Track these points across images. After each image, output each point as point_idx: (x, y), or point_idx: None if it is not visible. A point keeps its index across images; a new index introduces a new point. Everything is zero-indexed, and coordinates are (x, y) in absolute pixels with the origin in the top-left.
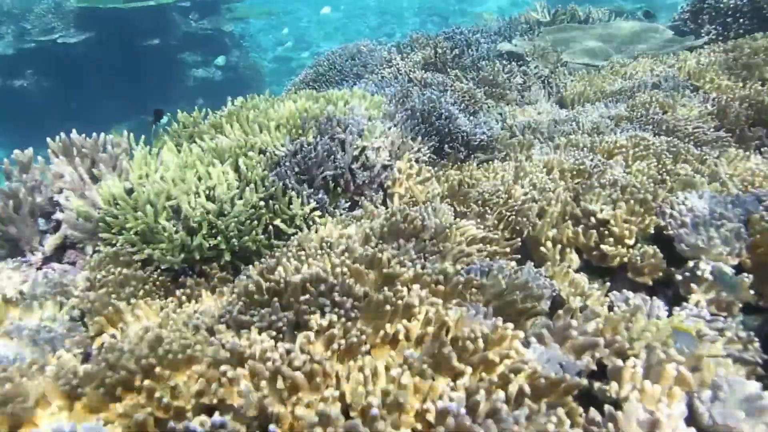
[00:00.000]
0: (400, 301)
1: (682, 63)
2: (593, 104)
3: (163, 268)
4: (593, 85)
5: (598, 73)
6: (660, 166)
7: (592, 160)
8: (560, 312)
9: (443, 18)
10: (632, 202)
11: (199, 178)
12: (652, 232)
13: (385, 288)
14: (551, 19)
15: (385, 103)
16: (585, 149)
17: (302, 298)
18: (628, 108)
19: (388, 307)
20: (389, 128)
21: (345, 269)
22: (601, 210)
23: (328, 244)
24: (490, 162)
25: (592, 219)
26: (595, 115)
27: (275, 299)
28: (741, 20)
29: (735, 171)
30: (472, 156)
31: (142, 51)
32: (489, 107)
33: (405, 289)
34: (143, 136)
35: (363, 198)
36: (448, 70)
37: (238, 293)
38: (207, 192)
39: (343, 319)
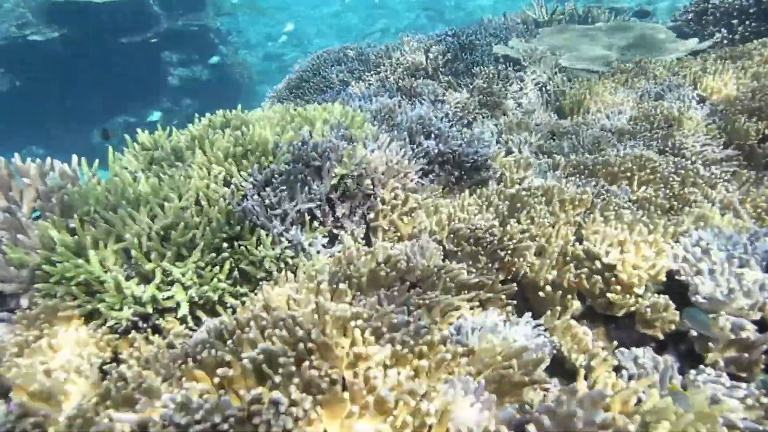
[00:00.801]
0: (371, 397)
1: (686, 70)
2: (594, 115)
3: (109, 324)
4: (593, 93)
5: (598, 80)
6: (668, 191)
7: (595, 186)
8: (562, 397)
9: (438, 12)
10: (641, 244)
11: (154, 216)
12: (664, 279)
13: (355, 376)
14: (549, 19)
15: (369, 120)
16: (586, 171)
17: (252, 394)
18: (631, 121)
19: (356, 409)
20: (372, 151)
21: (310, 344)
22: (607, 253)
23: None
24: (485, 184)
25: (597, 263)
26: (596, 128)
27: (221, 392)
28: (747, 22)
29: (747, 197)
30: (465, 177)
31: (121, 48)
32: (484, 117)
33: (379, 374)
34: (96, 161)
35: (343, 232)
36: (440, 76)
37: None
38: (162, 232)
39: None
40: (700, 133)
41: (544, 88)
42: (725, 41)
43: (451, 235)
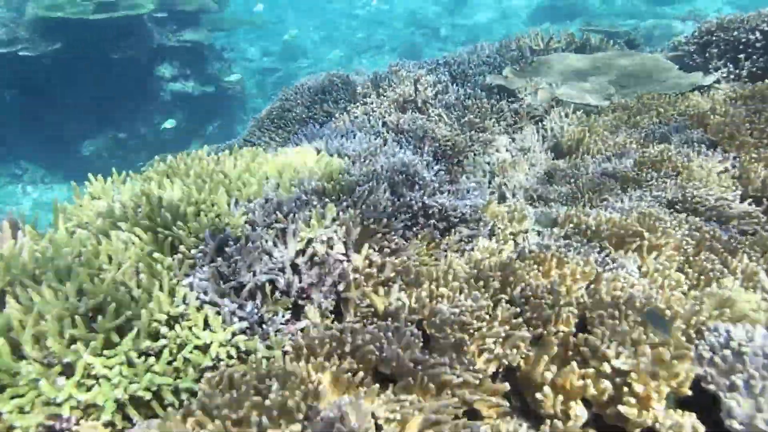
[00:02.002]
0: None
1: (694, 110)
2: (594, 156)
3: None
4: (593, 131)
5: (598, 116)
6: (681, 258)
7: (600, 251)
8: None
9: (434, 30)
10: (660, 348)
11: (81, 291)
12: (689, 393)
13: None
14: (545, 47)
15: (348, 165)
16: (589, 232)
17: None
18: (636, 166)
19: None
20: (347, 206)
21: None
22: (618, 355)
23: None
24: (475, 238)
25: (606, 365)
26: (597, 172)
27: None
28: (754, 57)
29: None
30: (453, 230)
31: (113, 63)
32: (476, 155)
33: None
34: (36, 216)
35: (309, 304)
36: (430, 109)
37: None
38: (88, 314)
39: None
40: (712, 183)
41: (540, 123)
42: (731, 76)
43: (433, 318)
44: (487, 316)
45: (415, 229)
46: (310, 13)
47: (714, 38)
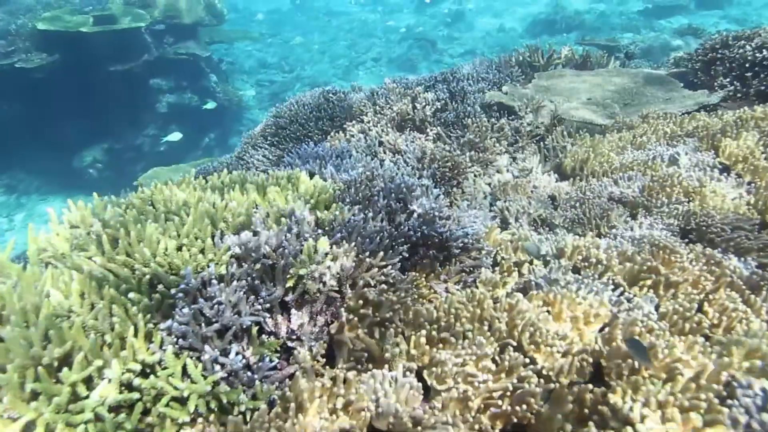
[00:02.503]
0: None
1: (703, 131)
2: (599, 179)
3: None
4: (598, 153)
5: (603, 137)
6: (700, 295)
7: (613, 290)
8: None
9: (431, 42)
10: (690, 413)
11: (47, 337)
12: None
13: None
14: (545, 63)
15: (343, 191)
16: (600, 266)
17: None
18: (645, 191)
19: None
20: (342, 238)
21: None
22: (643, 418)
23: None
24: (476, 269)
25: (629, 429)
26: (603, 196)
27: None
28: (762, 75)
29: None
30: (453, 259)
31: (110, 75)
32: (476, 176)
33: None
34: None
35: (299, 346)
36: (428, 128)
37: None
38: (56, 363)
39: None
40: (727, 210)
41: (542, 142)
42: (738, 95)
43: (435, 368)
44: (494, 366)
45: (413, 258)
46: (308, 25)
47: (719, 56)
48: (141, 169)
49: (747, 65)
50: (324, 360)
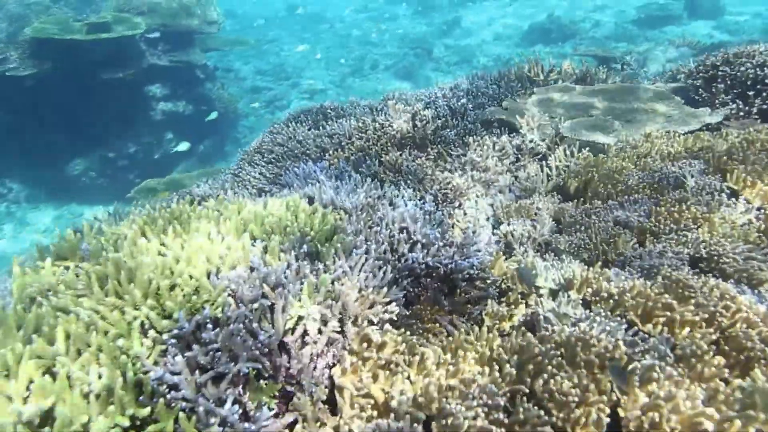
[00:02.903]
0: None
1: (708, 153)
2: (604, 201)
3: None
4: (602, 174)
5: (606, 156)
6: (716, 333)
7: (627, 329)
8: None
9: (427, 51)
10: None
11: (28, 389)
12: None
13: None
14: (545, 78)
15: (343, 219)
16: (611, 301)
17: None
18: (652, 216)
19: None
20: (344, 273)
21: None
22: None
23: None
24: (482, 302)
25: None
26: (609, 219)
27: None
28: (764, 94)
29: None
30: (458, 290)
31: (104, 83)
32: (478, 196)
33: None
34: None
35: (299, 391)
36: (429, 146)
37: None
38: (34, 421)
39: None
40: (737, 238)
41: (545, 161)
42: (740, 113)
43: (444, 420)
44: (506, 419)
45: (417, 289)
46: (305, 32)
47: (720, 73)
48: (135, 177)
49: (749, 83)
50: (326, 406)
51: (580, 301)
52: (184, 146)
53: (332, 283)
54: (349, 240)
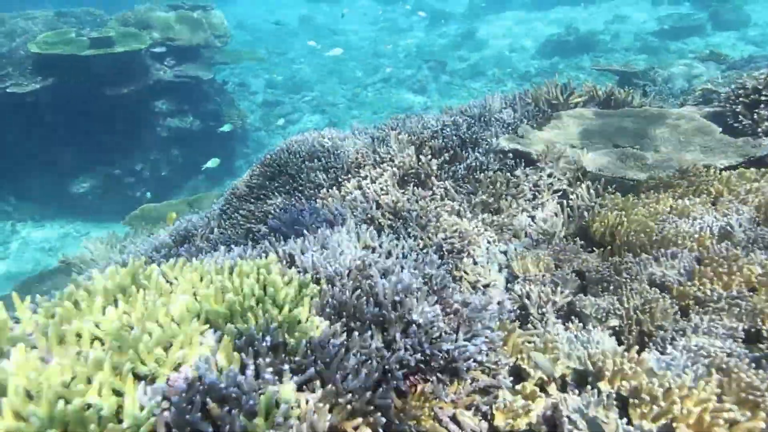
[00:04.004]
0: None
1: (757, 196)
2: (635, 253)
3: None
4: (632, 219)
5: (636, 197)
6: None
7: None
8: None
9: (440, 63)
10: None
11: None
12: None
13: None
14: (565, 100)
15: (326, 289)
16: (656, 405)
17: None
18: (695, 277)
19: None
20: (316, 373)
21: None
22: None
23: None
24: (491, 392)
25: None
26: (643, 279)
27: None
28: None
29: None
30: (463, 377)
31: (109, 99)
32: (489, 242)
33: None
34: None
35: None
36: (435, 183)
37: None
38: None
39: None
40: None
41: (566, 199)
42: None
43: None
44: None
45: (412, 378)
46: (318, 44)
47: (763, 97)
48: (141, 195)
49: None
50: None
51: (614, 397)
52: (213, 163)
53: (300, 387)
54: (326, 328)
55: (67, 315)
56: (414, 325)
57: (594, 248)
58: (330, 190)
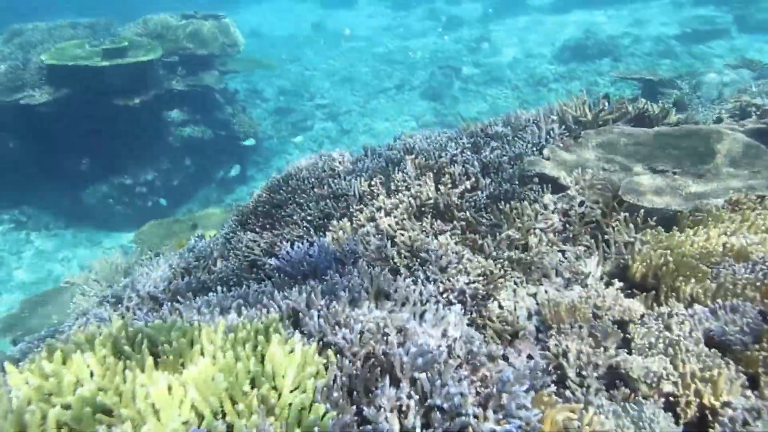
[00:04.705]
0: None
1: None
2: (686, 303)
3: None
4: (681, 261)
5: (682, 233)
6: None
7: None
8: None
9: (455, 69)
10: None
11: None
12: None
13: None
14: (593, 118)
15: (336, 362)
16: None
17: None
18: (765, 340)
19: None
20: None
21: None
22: None
23: None
24: None
25: None
26: (700, 336)
27: None
28: None
29: None
30: None
31: (121, 109)
32: (516, 284)
33: None
34: None
35: None
36: (455, 214)
37: None
38: None
39: None
40: None
41: (598, 228)
42: None
43: None
44: None
45: None
46: (329, 50)
47: None
48: (153, 205)
49: None
50: None
51: None
52: (235, 170)
53: None
54: (331, 425)
55: (32, 395)
56: (437, 410)
57: (634, 289)
58: (341, 221)
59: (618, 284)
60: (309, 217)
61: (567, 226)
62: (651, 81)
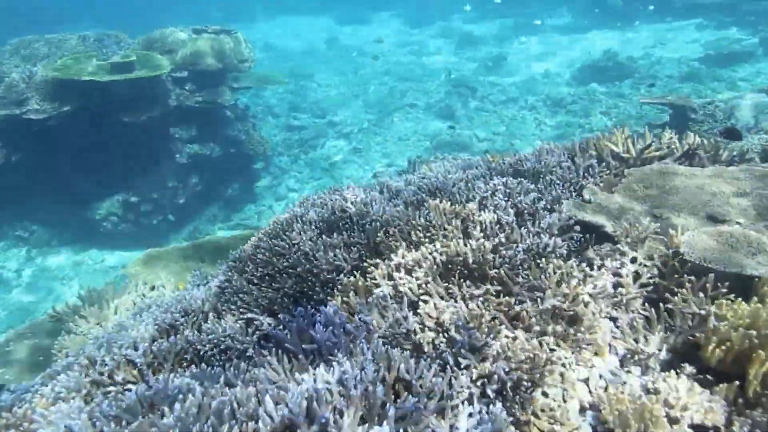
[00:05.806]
0: None
1: None
2: None
3: None
4: (764, 337)
5: (762, 303)
6: None
7: None
8: None
9: (470, 89)
10: None
11: None
12: None
13: None
14: (638, 154)
15: None
16: None
17: None
18: None
19: None
20: None
21: None
22: None
23: None
24: None
25: None
26: None
27: None
28: None
29: None
30: None
31: (127, 125)
32: (564, 367)
33: None
34: None
35: None
36: (488, 272)
37: None
38: None
39: None
40: None
41: (658, 295)
42: None
43: None
44: None
45: None
46: (342, 67)
47: None
48: (158, 222)
49: None
50: None
51: None
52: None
53: None
54: None
55: None
56: None
57: (707, 375)
58: (352, 276)
59: (689, 368)
60: (316, 270)
61: (617, 286)
62: (682, 107)
